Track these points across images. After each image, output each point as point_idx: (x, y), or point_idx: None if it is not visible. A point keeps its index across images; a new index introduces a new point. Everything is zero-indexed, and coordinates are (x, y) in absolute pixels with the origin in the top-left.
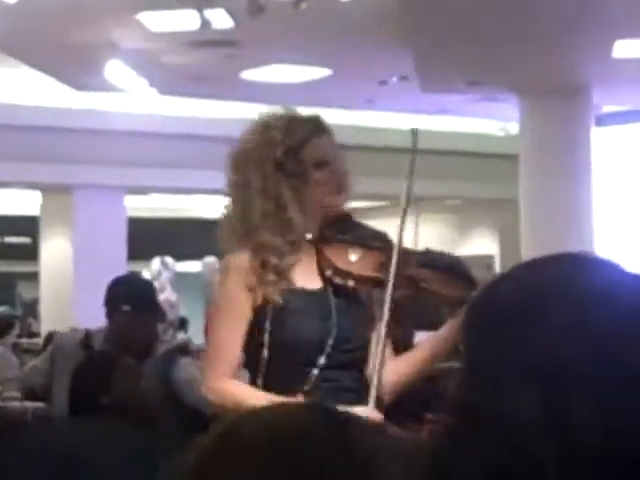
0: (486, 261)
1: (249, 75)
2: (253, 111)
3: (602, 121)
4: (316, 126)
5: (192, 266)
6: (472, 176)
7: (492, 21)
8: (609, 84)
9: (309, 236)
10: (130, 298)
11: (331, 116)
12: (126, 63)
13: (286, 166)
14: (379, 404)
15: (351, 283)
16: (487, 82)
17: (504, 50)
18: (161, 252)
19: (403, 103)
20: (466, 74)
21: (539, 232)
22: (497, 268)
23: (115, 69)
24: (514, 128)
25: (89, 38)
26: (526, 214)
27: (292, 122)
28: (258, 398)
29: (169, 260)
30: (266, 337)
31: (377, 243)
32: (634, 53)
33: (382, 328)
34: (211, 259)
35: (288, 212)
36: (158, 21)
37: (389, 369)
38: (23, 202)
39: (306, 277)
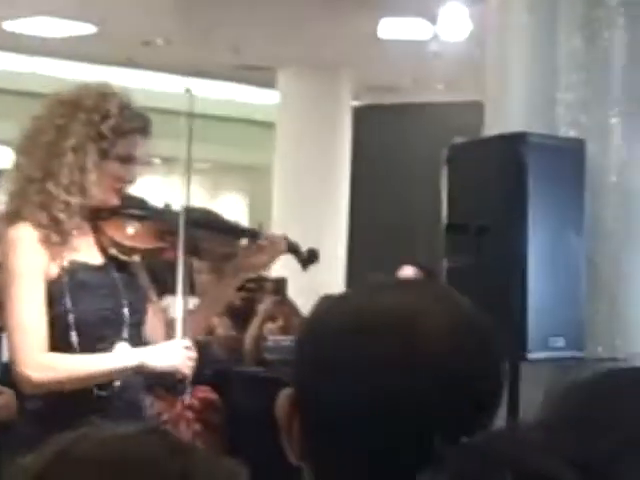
0: None
1: (10, 26)
2: (15, 62)
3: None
4: (145, 126)
5: None
6: (224, 141)
7: None
8: (372, 62)
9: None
10: None
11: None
12: None
13: (104, 141)
14: None
15: (137, 258)
16: (248, 50)
17: (266, 19)
18: None
19: (164, 64)
20: (227, 40)
21: (291, 200)
22: None
23: None
24: (274, 97)
25: None
26: (279, 183)
27: (129, 108)
28: (89, 362)
29: None
30: (70, 317)
31: (148, 212)
32: (397, 33)
33: (180, 293)
34: None
35: (88, 177)
36: None
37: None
38: None
39: (88, 252)
